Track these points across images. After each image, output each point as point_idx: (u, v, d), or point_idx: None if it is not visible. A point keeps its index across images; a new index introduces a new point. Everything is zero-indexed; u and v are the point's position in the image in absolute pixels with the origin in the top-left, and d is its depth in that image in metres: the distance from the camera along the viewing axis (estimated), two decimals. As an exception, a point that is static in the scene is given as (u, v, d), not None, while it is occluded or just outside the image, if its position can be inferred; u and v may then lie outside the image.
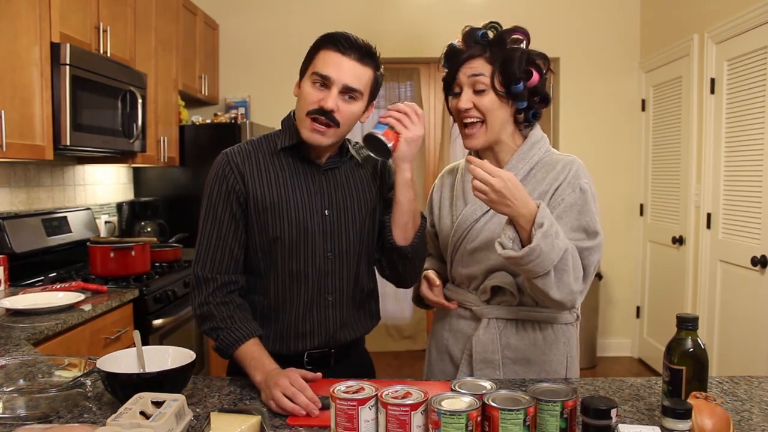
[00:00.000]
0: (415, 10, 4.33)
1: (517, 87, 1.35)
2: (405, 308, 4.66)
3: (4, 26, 2.10)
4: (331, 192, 1.39)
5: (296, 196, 1.36)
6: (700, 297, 3.48)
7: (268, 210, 1.34)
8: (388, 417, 0.96)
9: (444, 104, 1.51)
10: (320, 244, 1.37)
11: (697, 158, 3.54)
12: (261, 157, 1.38)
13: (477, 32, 1.38)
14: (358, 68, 1.30)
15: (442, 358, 1.52)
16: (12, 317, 1.96)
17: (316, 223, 1.36)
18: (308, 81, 1.31)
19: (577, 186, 1.35)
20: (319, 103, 1.29)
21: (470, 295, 1.45)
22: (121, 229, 3.59)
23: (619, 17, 4.36)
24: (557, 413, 0.96)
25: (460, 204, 1.48)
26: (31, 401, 1.09)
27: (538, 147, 1.43)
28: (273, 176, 1.36)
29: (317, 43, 1.32)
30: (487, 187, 1.19)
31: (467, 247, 1.42)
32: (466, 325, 1.46)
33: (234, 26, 4.35)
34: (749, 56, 3.02)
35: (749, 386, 1.28)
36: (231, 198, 1.35)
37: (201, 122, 3.89)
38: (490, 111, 1.37)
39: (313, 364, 1.39)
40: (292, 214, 1.35)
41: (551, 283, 1.23)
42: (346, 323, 1.42)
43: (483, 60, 1.36)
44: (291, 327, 1.38)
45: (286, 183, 1.36)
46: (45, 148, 2.32)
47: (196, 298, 1.35)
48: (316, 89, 1.29)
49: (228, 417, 1.00)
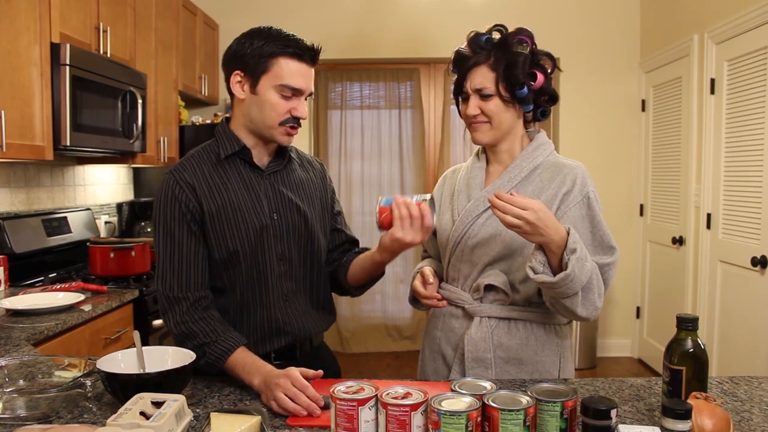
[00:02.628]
0: (415, 10, 4.33)
1: (521, 92, 1.37)
2: (405, 308, 4.66)
3: (4, 26, 2.10)
4: (276, 195, 1.41)
5: (246, 202, 1.38)
6: (700, 297, 3.48)
7: (223, 220, 1.36)
8: (388, 417, 0.96)
9: (444, 105, 1.53)
10: (274, 247, 1.39)
11: (697, 158, 3.54)
12: (205, 167, 1.38)
13: (481, 37, 1.40)
14: (312, 71, 1.36)
15: (435, 358, 1.52)
16: (12, 317, 1.96)
17: (267, 227, 1.39)
18: (273, 91, 1.32)
19: (586, 195, 1.37)
20: (291, 112, 1.33)
21: (464, 294, 1.46)
22: (121, 229, 3.59)
23: (619, 17, 4.36)
24: (557, 413, 0.96)
25: (462, 199, 1.49)
26: (31, 401, 1.09)
27: (542, 149, 1.46)
28: (221, 185, 1.37)
29: (271, 49, 1.31)
30: (521, 221, 1.19)
31: (467, 243, 1.43)
32: (459, 323, 1.47)
33: (234, 26, 4.31)
34: (749, 56, 3.02)
35: (749, 386, 1.28)
36: (186, 217, 1.35)
37: (201, 122, 3.90)
38: (496, 114, 1.40)
39: (281, 359, 1.41)
40: (247, 221, 1.37)
41: (578, 302, 1.27)
42: (308, 321, 1.46)
43: (486, 67, 1.38)
44: (257, 330, 1.40)
45: (235, 190, 1.37)
46: (45, 148, 2.32)
47: (171, 319, 1.34)
48: (284, 99, 1.32)
49: (228, 417, 1.00)
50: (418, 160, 4.58)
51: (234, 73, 1.35)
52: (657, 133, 4.14)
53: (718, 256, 3.32)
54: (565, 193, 1.38)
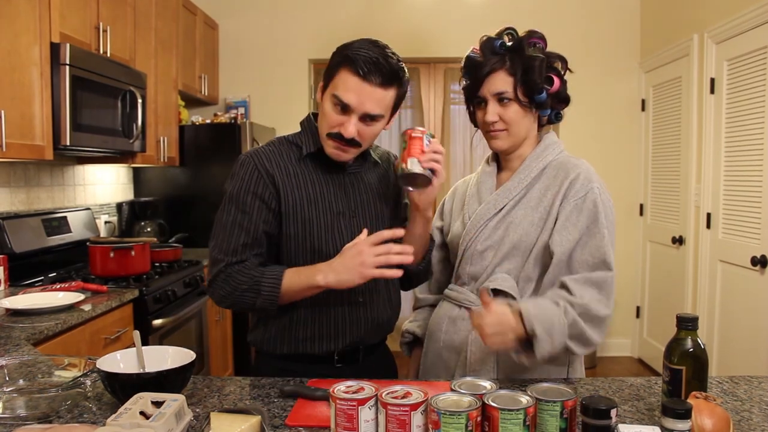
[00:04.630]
0: (415, 10, 4.33)
1: (540, 97, 1.37)
2: (405, 308, 4.64)
3: (4, 26, 2.10)
4: (355, 193, 1.41)
5: (325, 198, 1.37)
6: (700, 297, 3.48)
7: (297, 213, 1.35)
8: (388, 417, 0.96)
9: (444, 105, 1.53)
10: None
11: (697, 158, 3.54)
12: (287, 160, 1.37)
13: (495, 42, 1.38)
14: (379, 93, 1.25)
15: (438, 360, 1.51)
16: (12, 317, 1.96)
17: (344, 225, 1.38)
18: (329, 100, 1.29)
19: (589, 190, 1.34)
20: (339, 128, 1.28)
21: (471, 295, 1.45)
22: (121, 229, 3.59)
23: (619, 17, 4.36)
24: (557, 413, 0.96)
25: (473, 203, 1.48)
26: (31, 401, 1.09)
27: (551, 149, 1.45)
28: (302, 180, 1.37)
29: (339, 58, 1.28)
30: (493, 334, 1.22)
31: (478, 246, 1.42)
32: (464, 325, 1.45)
33: (234, 26, 4.35)
34: (749, 56, 3.02)
35: (749, 386, 1.28)
36: (262, 190, 1.33)
37: (201, 122, 3.90)
38: (515, 121, 1.39)
39: (343, 362, 1.41)
40: (321, 217, 1.36)
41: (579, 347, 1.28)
42: (376, 323, 1.44)
43: (504, 72, 1.37)
44: (324, 328, 1.39)
45: (315, 187, 1.37)
46: (45, 148, 2.32)
47: (215, 279, 1.33)
48: (336, 111, 1.28)
49: (228, 417, 1.00)
50: (418, 160, 4.57)
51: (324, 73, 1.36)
52: (657, 132, 4.14)
53: (718, 255, 3.32)
54: (567, 188, 1.36)
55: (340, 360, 1.41)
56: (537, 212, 1.38)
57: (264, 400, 1.20)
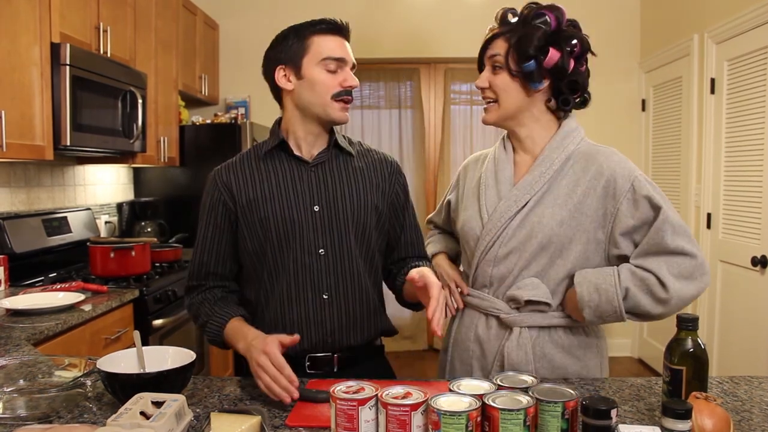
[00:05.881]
0: (415, 10, 4.33)
1: (528, 65, 1.30)
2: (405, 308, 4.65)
3: (4, 26, 2.10)
4: (320, 187, 1.39)
5: (282, 194, 1.37)
6: (701, 297, 3.48)
7: (254, 212, 1.37)
8: (388, 417, 0.96)
9: (444, 105, 1.53)
10: (311, 240, 1.36)
11: (697, 158, 3.54)
12: (246, 164, 1.42)
13: (508, 12, 1.38)
14: (348, 45, 1.41)
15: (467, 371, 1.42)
16: (12, 317, 1.96)
17: (305, 219, 1.36)
18: (318, 68, 1.34)
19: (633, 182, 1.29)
20: (341, 84, 1.35)
21: (498, 302, 1.37)
22: (121, 229, 3.59)
23: (619, 17, 4.36)
24: (558, 414, 0.96)
25: (491, 195, 1.39)
26: (31, 401, 1.09)
27: (572, 136, 1.37)
28: (258, 179, 1.39)
29: (303, 32, 1.37)
30: None
31: (500, 249, 1.34)
32: (495, 334, 1.37)
33: (234, 26, 4.35)
34: (749, 56, 3.02)
35: (749, 386, 1.28)
36: (217, 209, 1.41)
37: (201, 122, 3.89)
38: (503, 89, 1.35)
39: (316, 368, 1.38)
40: (278, 212, 1.36)
41: (633, 316, 1.30)
42: (347, 324, 1.40)
43: (502, 39, 1.35)
44: (292, 326, 1.38)
45: (272, 183, 1.38)
46: (45, 148, 2.32)
47: (185, 302, 1.47)
48: (330, 74, 1.34)
49: (228, 417, 1.00)
50: (418, 160, 4.58)
51: (277, 69, 1.38)
52: (657, 132, 4.14)
53: (719, 255, 3.32)
54: (604, 186, 1.29)
55: (312, 366, 1.38)
56: (565, 209, 1.30)
57: (264, 400, 1.20)
